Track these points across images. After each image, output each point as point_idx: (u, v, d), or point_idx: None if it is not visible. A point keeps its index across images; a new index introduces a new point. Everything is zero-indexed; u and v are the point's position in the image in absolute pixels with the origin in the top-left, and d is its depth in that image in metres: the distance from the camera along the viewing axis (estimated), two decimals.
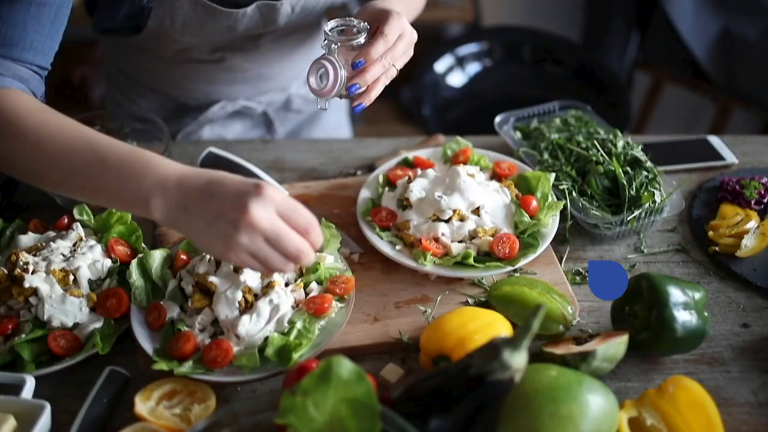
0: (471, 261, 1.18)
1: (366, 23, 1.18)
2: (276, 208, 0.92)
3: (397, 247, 1.23)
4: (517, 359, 0.86)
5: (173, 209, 0.94)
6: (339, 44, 1.16)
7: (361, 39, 1.17)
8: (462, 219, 1.23)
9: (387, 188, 1.34)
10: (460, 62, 2.70)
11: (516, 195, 1.30)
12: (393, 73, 1.20)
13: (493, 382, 0.86)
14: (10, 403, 1.01)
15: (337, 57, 1.15)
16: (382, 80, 1.19)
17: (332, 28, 1.17)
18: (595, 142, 1.38)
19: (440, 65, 2.66)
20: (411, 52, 1.23)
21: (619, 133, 1.42)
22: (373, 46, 1.14)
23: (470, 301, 1.19)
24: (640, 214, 1.27)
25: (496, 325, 1.05)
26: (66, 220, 1.29)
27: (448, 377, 0.89)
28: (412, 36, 1.21)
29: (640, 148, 1.39)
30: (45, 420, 1.00)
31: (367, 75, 1.15)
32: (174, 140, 1.64)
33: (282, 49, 1.54)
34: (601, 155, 1.35)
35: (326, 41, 1.17)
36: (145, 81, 1.62)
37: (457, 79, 2.69)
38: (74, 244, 1.21)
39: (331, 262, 1.19)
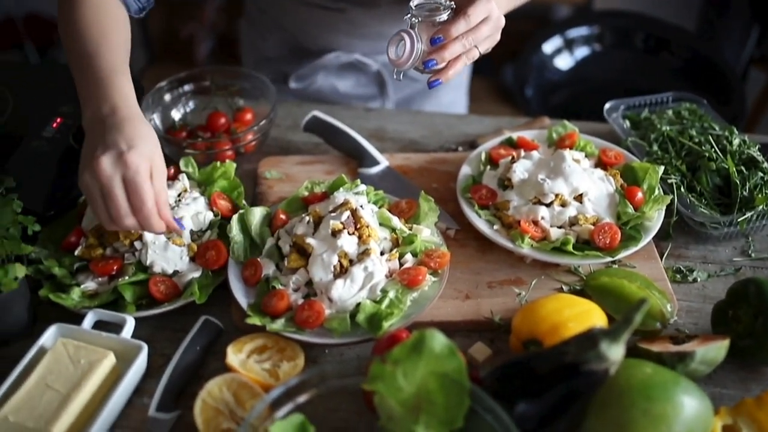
0: (570, 248, 1.16)
1: (451, 2, 1.17)
2: (123, 174, 1.02)
3: (495, 227, 1.21)
4: (615, 351, 0.84)
5: (88, 124, 1.09)
6: (420, 19, 1.16)
7: (444, 16, 1.16)
8: (564, 204, 1.21)
9: (489, 166, 1.32)
10: (569, 45, 2.63)
11: (621, 185, 1.26)
12: (475, 55, 1.19)
13: (588, 372, 0.84)
14: (111, 340, 1.05)
15: (417, 31, 1.15)
16: (463, 60, 1.17)
17: (417, 5, 1.17)
18: (710, 138, 1.33)
19: (548, 46, 2.60)
20: (497, 37, 1.20)
21: (735, 131, 1.36)
22: (454, 25, 1.13)
23: (565, 288, 1.16)
24: (751, 216, 1.22)
25: (591, 315, 1.02)
26: (172, 171, 1.33)
27: (540, 362, 0.88)
28: (499, 21, 1.18)
29: (757, 147, 1.32)
30: (142, 360, 1.04)
31: (445, 52, 1.14)
32: (287, 81, 1.69)
33: (402, 12, 1.55)
34: (715, 152, 1.30)
35: (409, 15, 1.17)
36: (275, 19, 1.69)
37: (564, 62, 2.62)
38: (179, 195, 1.25)
39: (428, 235, 1.19)
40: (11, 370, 1.01)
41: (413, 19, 1.15)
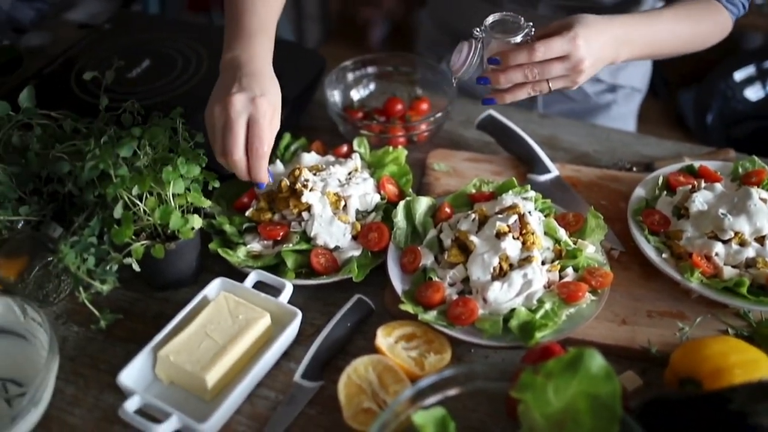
0: (743, 290, 1.09)
1: (527, 23, 1.14)
2: (251, 114, 1.09)
3: (663, 255, 1.16)
4: None
5: (226, 65, 1.15)
6: (485, 35, 1.14)
7: (518, 38, 1.13)
8: (742, 243, 1.14)
9: (665, 192, 1.27)
10: (763, 75, 2.46)
11: None
12: (543, 89, 1.15)
13: (755, 426, 0.79)
14: (269, 302, 1.10)
15: (481, 45, 1.14)
16: (526, 89, 1.15)
17: (492, 22, 1.16)
18: None
19: (739, 74, 2.45)
20: (577, 79, 1.15)
21: None
22: (513, 52, 1.11)
23: (731, 331, 1.10)
24: None
25: (760, 365, 0.96)
26: (345, 149, 1.37)
27: (700, 404, 0.84)
28: (580, 64, 1.12)
29: None
30: (295, 326, 1.07)
31: (501, 77, 1.13)
32: (439, 62, 1.71)
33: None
34: None
35: (480, 28, 1.16)
36: (443, 4, 1.72)
37: (754, 93, 2.46)
38: (350, 173, 1.27)
39: (592, 252, 1.15)
40: (176, 314, 1.07)
41: (479, 33, 1.15)
